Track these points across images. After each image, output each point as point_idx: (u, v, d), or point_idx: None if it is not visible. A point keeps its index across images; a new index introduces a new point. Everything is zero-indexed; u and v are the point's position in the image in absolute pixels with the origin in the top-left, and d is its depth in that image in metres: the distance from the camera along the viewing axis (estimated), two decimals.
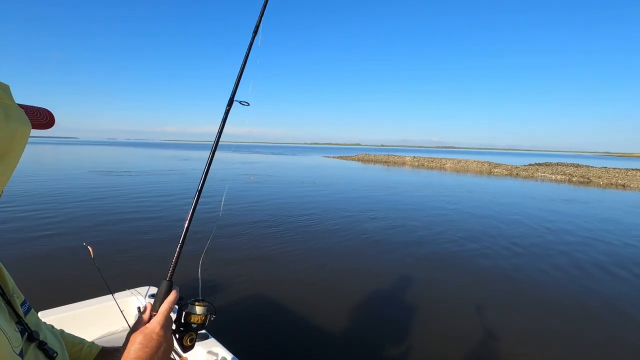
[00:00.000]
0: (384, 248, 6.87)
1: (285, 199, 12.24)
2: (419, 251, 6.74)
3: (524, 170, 29.25)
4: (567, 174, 26.42)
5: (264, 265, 5.65)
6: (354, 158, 47.57)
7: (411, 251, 6.72)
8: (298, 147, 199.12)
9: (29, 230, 6.97)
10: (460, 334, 3.84)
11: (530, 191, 17.31)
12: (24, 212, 8.65)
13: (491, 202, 12.98)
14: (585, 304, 4.67)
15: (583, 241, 7.82)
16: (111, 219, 8.30)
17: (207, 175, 1.06)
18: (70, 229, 7.23)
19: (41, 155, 38.19)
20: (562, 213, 11.20)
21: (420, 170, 29.99)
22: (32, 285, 4.40)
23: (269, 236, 7.32)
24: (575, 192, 17.87)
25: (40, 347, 0.67)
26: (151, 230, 7.41)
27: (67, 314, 2.43)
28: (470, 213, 10.64)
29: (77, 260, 5.28)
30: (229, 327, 3.70)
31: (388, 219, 9.42)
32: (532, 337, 3.81)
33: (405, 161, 40.09)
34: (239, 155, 50.49)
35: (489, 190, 17.17)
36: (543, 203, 13.26)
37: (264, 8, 1.20)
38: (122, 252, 5.96)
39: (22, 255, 5.61)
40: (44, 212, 8.71)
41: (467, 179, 23.05)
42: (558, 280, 5.49)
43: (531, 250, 6.98)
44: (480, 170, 29.98)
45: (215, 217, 7.54)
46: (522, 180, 23.47)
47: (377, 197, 13.41)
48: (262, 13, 1.20)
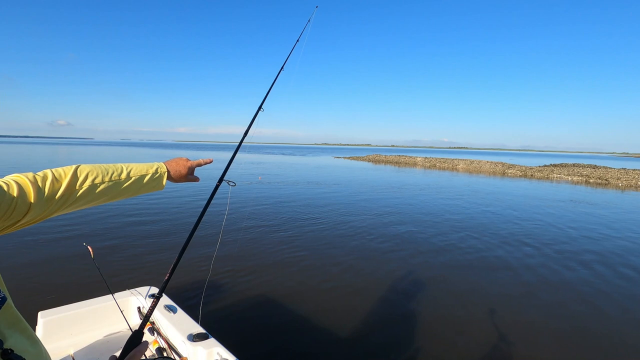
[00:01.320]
0: (390, 250, 6.75)
1: (291, 199, 12.17)
2: (435, 258, 6.58)
3: (539, 171, 28.60)
4: (584, 175, 25.72)
5: (264, 265, 5.62)
6: (364, 159, 47.34)
7: (424, 256, 6.58)
8: (308, 147, 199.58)
9: (29, 230, 6.75)
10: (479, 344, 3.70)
11: (556, 193, 16.88)
12: None
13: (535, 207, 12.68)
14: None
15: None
16: (112, 218, 8.27)
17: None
18: (71, 229, 7.21)
19: (56, 156, 39.06)
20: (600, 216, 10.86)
21: (432, 171, 29.61)
22: (32, 285, 4.40)
23: (270, 236, 7.27)
24: (603, 194, 17.35)
25: (4, 357, 0.61)
26: (152, 230, 7.38)
27: (67, 314, 2.41)
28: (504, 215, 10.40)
29: (77, 260, 5.26)
30: (229, 327, 3.68)
31: (407, 222, 9.27)
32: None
33: (417, 162, 39.69)
34: (249, 156, 50.83)
35: (511, 192, 16.80)
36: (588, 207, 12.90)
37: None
38: (123, 252, 5.93)
39: (22, 255, 5.57)
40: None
41: (481, 179, 22.63)
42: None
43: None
44: (493, 171, 29.45)
45: (219, 222, 7.46)
46: (537, 181, 22.94)
47: (390, 198, 13.25)
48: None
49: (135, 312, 2.56)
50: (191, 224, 1.14)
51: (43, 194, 0.78)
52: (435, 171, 29.21)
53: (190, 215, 8.91)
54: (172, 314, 2.35)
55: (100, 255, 5.39)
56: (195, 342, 2.05)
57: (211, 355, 1.99)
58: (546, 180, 23.77)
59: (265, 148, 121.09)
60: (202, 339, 2.07)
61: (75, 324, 2.42)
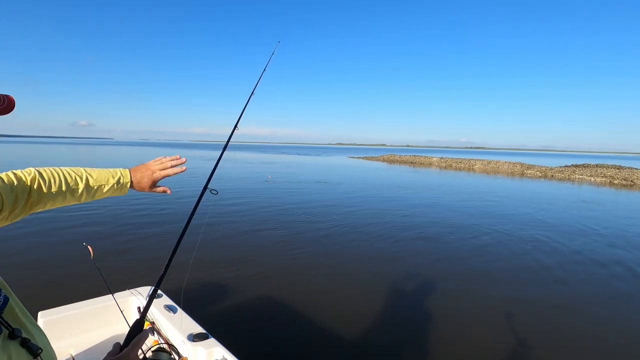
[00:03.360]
0: (399, 253, 6.60)
1: (296, 200, 12.11)
2: (443, 265, 6.40)
3: (560, 172, 27.71)
4: (607, 176, 24.76)
5: (264, 265, 5.58)
6: (379, 159, 46.96)
7: (426, 257, 6.39)
8: (323, 147, 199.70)
9: (29, 230, 6.90)
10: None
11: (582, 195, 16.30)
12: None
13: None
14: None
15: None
16: (112, 219, 8.25)
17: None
18: (71, 229, 7.22)
19: (75, 156, 40.22)
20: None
21: (448, 171, 29.09)
22: (33, 285, 4.41)
23: (271, 237, 7.21)
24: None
25: (23, 345, 0.65)
26: (152, 231, 7.35)
27: (67, 314, 2.40)
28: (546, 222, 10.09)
29: (77, 260, 5.24)
30: (229, 327, 3.67)
31: (421, 226, 9.08)
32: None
33: (432, 162, 39.09)
34: (263, 156, 51.20)
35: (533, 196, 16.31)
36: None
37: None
38: (123, 252, 5.92)
39: (22, 255, 5.59)
40: (44, 212, 8.64)
41: (500, 181, 22.07)
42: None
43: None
44: (511, 172, 28.70)
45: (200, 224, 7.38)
46: (557, 182, 22.21)
47: (407, 198, 13.04)
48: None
49: (135, 312, 2.53)
50: (192, 225, 1.14)
51: (12, 193, 0.81)
52: (451, 171, 28.69)
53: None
54: (172, 314, 2.34)
55: (101, 255, 5.34)
56: (195, 342, 2.04)
57: (211, 355, 1.98)
58: (567, 181, 22.99)
59: (280, 148, 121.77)
60: (202, 339, 2.06)
61: (75, 324, 2.41)
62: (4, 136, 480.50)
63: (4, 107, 0.72)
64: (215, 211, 8.60)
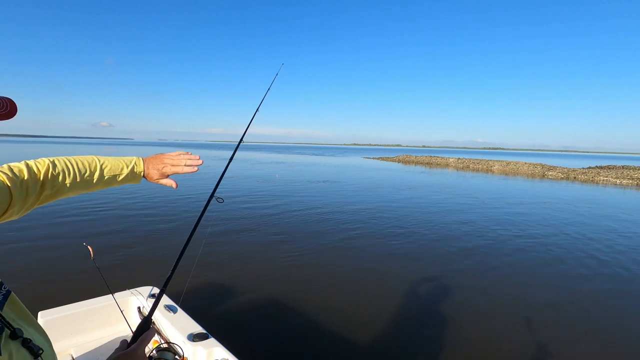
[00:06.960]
0: (401, 253, 6.42)
1: (301, 199, 12.01)
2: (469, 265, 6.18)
3: (583, 173, 26.71)
4: (635, 178, 23.72)
5: (265, 265, 5.53)
6: (394, 159, 46.48)
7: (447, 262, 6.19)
8: (338, 147, 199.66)
9: (29, 230, 6.88)
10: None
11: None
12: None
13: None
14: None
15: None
16: (112, 219, 8.20)
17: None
18: (71, 229, 7.21)
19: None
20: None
21: (465, 172, 28.46)
22: (33, 285, 4.43)
23: (272, 237, 7.14)
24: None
25: (24, 345, 0.64)
26: (153, 230, 7.33)
27: (67, 313, 2.37)
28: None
29: (77, 260, 5.23)
30: (229, 327, 3.66)
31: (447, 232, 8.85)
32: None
33: (449, 163, 38.40)
34: (276, 155, 51.45)
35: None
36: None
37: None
38: (123, 252, 5.90)
39: (22, 255, 5.60)
40: (44, 212, 8.33)
41: (519, 183, 21.44)
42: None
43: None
44: (532, 173, 27.86)
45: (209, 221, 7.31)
46: (580, 184, 21.40)
47: (423, 199, 12.79)
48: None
49: (135, 312, 2.49)
50: (193, 224, 1.14)
51: (22, 187, 0.80)
52: (468, 173, 28.06)
53: (195, 216, 8.81)
54: (172, 314, 2.32)
55: (101, 255, 5.39)
56: (195, 342, 2.03)
57: (211, 355, 1.98)
58: (591, 184, 22.12)
59: (295, 148, 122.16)
60: (202, 339, 2.05)
61: (75, 324, 2.39)
62: (35, 137, 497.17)
63: (6, 112, 0.72)
64: (219, 214, 8.53)
